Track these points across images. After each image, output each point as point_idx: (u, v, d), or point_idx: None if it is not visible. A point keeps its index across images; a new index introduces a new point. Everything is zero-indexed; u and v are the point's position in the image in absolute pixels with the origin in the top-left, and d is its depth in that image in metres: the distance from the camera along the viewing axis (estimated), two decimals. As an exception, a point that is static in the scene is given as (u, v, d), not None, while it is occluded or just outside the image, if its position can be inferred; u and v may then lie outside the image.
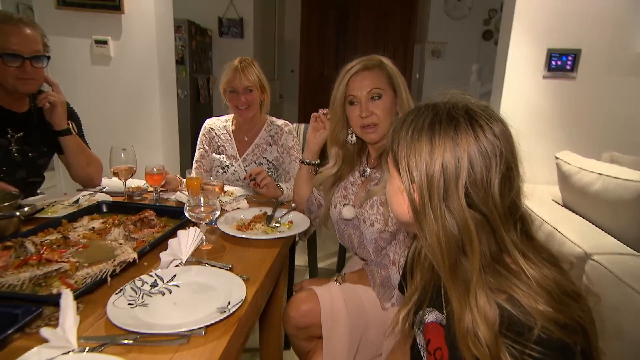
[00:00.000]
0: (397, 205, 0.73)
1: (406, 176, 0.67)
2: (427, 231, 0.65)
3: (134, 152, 1.52)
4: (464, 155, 0.62)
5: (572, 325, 0.58)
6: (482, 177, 0.63)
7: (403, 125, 0.69)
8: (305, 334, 1.17)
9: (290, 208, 1.46)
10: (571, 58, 2.42)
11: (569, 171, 2.04)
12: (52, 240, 1.09)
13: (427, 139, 0.65)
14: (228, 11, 4.73)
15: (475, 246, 0.63)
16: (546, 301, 0.58)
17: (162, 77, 2.69)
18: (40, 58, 1.43)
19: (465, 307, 0.63)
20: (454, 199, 0.63)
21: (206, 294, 0.92)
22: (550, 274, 0.62)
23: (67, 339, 0.69)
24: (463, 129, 0.64)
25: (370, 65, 1.26)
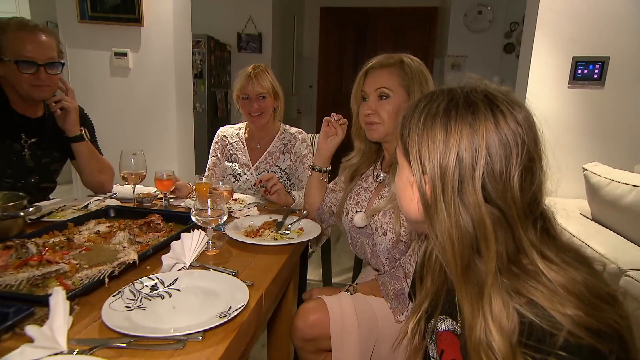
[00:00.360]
0: (407, 201, 0.68)
1: (417, 167, 0.61)
2: (439, 228, 0.60)
3: (144, 157, 1.52)
4: (482, 144, 0.57)
5: (607, 331, 0.51)
6: (501, 168, 0.57)
7: (415, 111, 0.64)
8: (313, 346, 1.10)
9: (301, 215, 1.42)
10: (599, 66, 2.34)
11: (598, 183, 1.94)
12: (55, 242, 1.08)
13: (442, 126, 0.59)
14: (247, 27, 4.82)
15: (491, 245, 0.57)
16: (575, 305, 0.52)
17: (179, 88, 2.72)
18: (55, 65, 1.45)
19: (478, 314, 0.57)
20: (470, 192, 0.57)
21: (207, 299, 0.87)
22: (578, 275, 0.56)
23: (55, 340, 0.66)
24: (482, 114, 0.59)
25: (387, 63, 1.23)
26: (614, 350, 0.51)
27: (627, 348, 0.53)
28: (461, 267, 0.59)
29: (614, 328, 0.51)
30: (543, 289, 0.55)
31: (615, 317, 0.52)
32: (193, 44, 3.20)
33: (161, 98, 2.67)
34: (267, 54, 4.87)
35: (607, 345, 0.50)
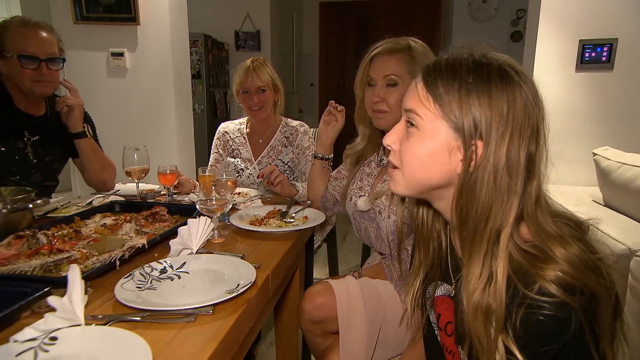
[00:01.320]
0: (433, 166, 0.67)
1: (472, 129, 0.63)
2: (481, 190, 0.63)
3: (146, 152, 1.59)
4: (527, 108, 0.63)
5: (582, 289, 0.57)
6: (536, 133, 0.64)
7: (456, 72, 0.65)
8: (321, 329, 1.16)
9: (305, 205, 1.48)
10: (607, 49, 2.38)
11: (608, 167, 1.98)
12: (64, 234, 1.15)
13: (500, 88, 0.62)
14: (245, 24, 4.91)
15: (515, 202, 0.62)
16: (562, 268, 0.58)
17: (178, 87, 2.80)
18: (56, 60, 1.54)
19: (486, 275, 0.63)
20: (516, 154, 0.62)
21: (216, 279, 0.94)
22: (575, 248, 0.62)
23: (74, 312, 0.72)
24: (523, 79, 0.64)
25: (394, 48, 1.26)
26: (583, 305, 0.56)
27: (598, 307, 0.58)
28: (491, 229, 0.63)
29: (589, 288, 0.57)
30: (535, 251, 0.61)
31: (595, 282, 0.58)
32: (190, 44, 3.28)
33: (160, 98, 2.75)
34: (266, 52, 4.95)
35: (577, 299, 0.56)
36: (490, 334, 0.61)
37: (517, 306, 0.58)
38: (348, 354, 1.09)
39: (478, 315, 0.62)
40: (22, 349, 0.65)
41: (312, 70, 6.25)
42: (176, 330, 0.74)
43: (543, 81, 2.40)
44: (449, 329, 0.75)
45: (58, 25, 2.64)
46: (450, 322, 0.75)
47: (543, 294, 0.56)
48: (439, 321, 0.78)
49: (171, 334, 0.73)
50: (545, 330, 0.56)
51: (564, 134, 2.46)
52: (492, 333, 0.61)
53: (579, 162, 2.41)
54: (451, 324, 0.74)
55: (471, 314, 0.63)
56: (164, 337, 0.71)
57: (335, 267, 2.05)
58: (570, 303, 0.55)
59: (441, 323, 0.78)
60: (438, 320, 0.79)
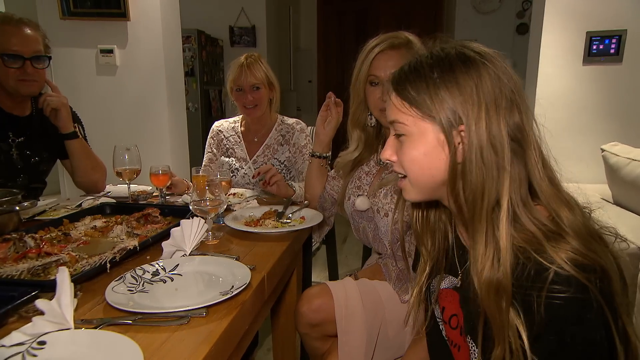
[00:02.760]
0: (434, 163, 0.71)
1: (449, 119, 0.67)
2: (472, 174, 0.66)
3: (138, 152, 1.60)
4: (498, 84, 0.67)
5: (594, 266, 0.60)
6: (515, 105, 0.68)
7: (421, 70, 0.70)
8: (319, 332, 1.17)
9: (302, 205, 1.49)
10: (615, 40, 2.40)
11: (617, 163, 2.00)
12: (52, 237, 1.16)
13: (464, 72, 0.67)
14: (240, 19, 4.92)
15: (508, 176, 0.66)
16: (572, 242, 0.61)
17: (171, 85, 2.81)
18: (42, 58, 1.55)
19: (491, 251, 0.66)
20: (497, 128, 0.66)
21: (209, 281, 0.95)
22: (579, 214, 0.66)
23: (63, 316, 0.73)
24: (489, 60, 0.68)
25: (396, 43, 1.27)
26: (598, 283, 0.60)
27: (611, 282, 0.62)
28: (488, 205, 0.67)
29: (601, 266, 0.61)
30: (545, 228, 0.64)
31: (605, 256, 0.62)
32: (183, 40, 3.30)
33: (152, 97, 2.76)
34: (262, 48, 4.96)
35: (593, 278, 0.59)
36: (502, 308, 0.64)
37: (537, 290, 0.60)
38: (347, 357, 1.10)
39: (490, 292, 0.65)
40: (9, 353, 0.66)
41: (310, 66, 6.26)
42: (168, 333, 0.75)
43: (550, 75, 2.46)
44: (454, 322, 0.77)
45: (44, 21, 2.65)
46: (455, 315, 0.77)
47: (560, 277, 0.59)
48: (443, 314, 0.80)
49: (163, 337, 0.74)
50: (568, 313, 0.60)
51: (571, 129, 2.47)
52: (504, 307, 0.64)
53: (586, 158, 2.42)
54: (456, 316, 0.76)
55: (484, 291, 0.66)
56: (155, 340, 0.72)
57: (335, 271, 2.06)
58: (587, 283, 0.59)
59: (445, 316, 0.80)
60: (442, 313, 0.80)
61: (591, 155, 2.36)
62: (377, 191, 1.29)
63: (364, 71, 1.30)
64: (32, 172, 1.66)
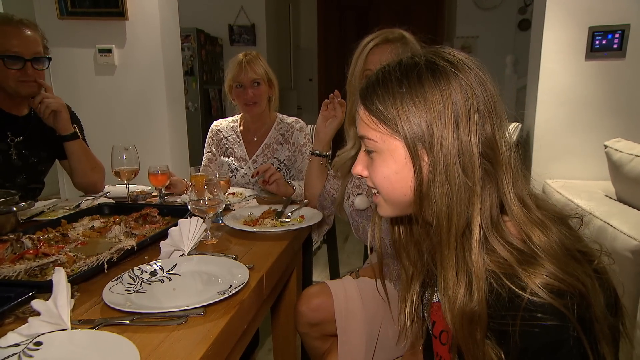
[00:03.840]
0: (404, 181, 0.68)
1: (414, 136, 0.64)
2: (437, 194, 0.64)
3: (136, 152, 1.60)
4: (471, 97, 0.63)
5: (570, 291, 0.57)
6: (489, 119, 0.64)
7: (388, 85, 0.66)
8: (318, 331, 1.17)
9: (301, 204, 1.49)
10: (618, 35, 2.38)
11: (620, 160, 1.99)
12: (50, 237, 1.16)
13: (432, 85, 0.63)
14: (239, 18, 4.93)
15: (478, 198, 0.62)
16: (547, 266, 0.58)
17: (170, 85, 2.82)
18: (41, 60, 1.55)
19: (463, 279, 0.63)
20: (467, 146, 0.62)
21: (208, 281, 0.95)
22: (556, 233, 0.63)
23: (59, 316, 0.73)
24: (462, 70, 0.64)
25: (391, 37, 1.28)
26: (576, 310, 0.57)
27: (590, 307, 0.58)
28: (456, 230, 0.64)
29: (579, 291, 0.58)
30: (517, 252, 0.62)
31: (582, 277, 0.59)
32: (182, 39, 3.31)
33: (151, 97, 2.77)
34: (262, 47, 4.97)
35: (569, 304, 0.56)
36: (476, 340, 0.61)
37: (512, 318, 0.58)
38: (347, 357, 1.10)
39: (464, 324, 0.62)
40: (5, 354, 0.67)
41: (310, 65, 6.27)
42: (166, 333, 0.75)
43: (552, 71, 2.45)
44: (444, 338, 0.75)
45: (42, 20, 2.66)
46: (445, 331, 0.75)
47: (535, 304, 0.57)
48: (433, 329, 0.79)
49: (161, 336, 0.74)
50: (545, 342, 0.57)
51: (573, 126, 2.47)
52: (478, 338, 0.61)
53: (589, 155, 2.42)
54: (445, 332, 0.75)
55: (458, 323, 0.63)
56: (153, 340, 0.72)
57: (336, 270, 2.06)
58: (563, 310, 0.56)
59: (435, 331, 0.78)
60: (433, 328, 0.79)
61: (594, 152, 2.35)
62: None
63: (359, 66, 1.30)
64: (30, 172, 1.67)
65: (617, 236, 1.62)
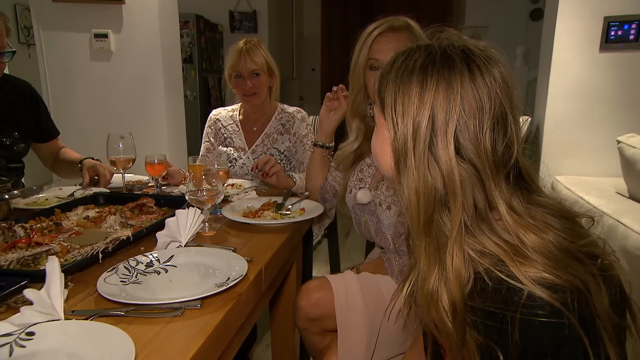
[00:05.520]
0: (383, 158, 0.75)
1: (392, 123, 0.69)
2: (406, 182, 0.67)
3: (132, 140, 1.60)
4: (457, 98, 0.64)
5: (568, 288, 0.57)
6: (474, 122, 0.65)
7: (392, 68, 0.71)
8: (318, 326, 1.18)
9: (302, 197, 1.49)
10: (635, 26, 2.36)
11: (633, 156, 1.98)
12: (43, 226, 1.16)
13: (418, 81, 0.66)
14: (240, 4, 4.91)
15: (458, 199, 0.64)
16: (539, 264, 0.59)
17: (168, 72, 2.81)
18: (5, 54, 1.54)
19: (434, 267, 0.66)
20: (442, 146, 0.65)
21: (205, 273, 0.95)
22: (549, 233, 0.63)
23: (52, 306, 0.73)
24: (458, 69, 0.65)
25: (397, 26, 1.27)
26: (575, 306, 0.57)
27: (589, 303, 0.58)
28: (424, 220, 0.67)
29: (576, 286, 0.58)
30: (508, 248, 0.62)
31: (582, 274, 0.59)
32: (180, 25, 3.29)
33: (148, 84, 2.76)
34: (264, 34, 4.95)
35: (565, 299, 0.57)
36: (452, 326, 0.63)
37: (511, 312, 0.58)
38: (347, 353, 1.10)
39: (431, 307, 0.65)
40: (-3, 344, 0.67)
41: (313, 54, 6.24)
42: (162, 325, 0.75)
43: (564, 62, 2.43)
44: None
45: (36, 3, 2.65)
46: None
47: (532, 299, 0.57)
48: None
49: (156, 328, 0.74)
50: (546, 339, 0.58)
51: (585, 120, 2.45)
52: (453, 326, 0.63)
53: (601, 150, 2.40)
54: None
55: (425, 305, 0.66)
56: (148, 332, 0.73)
57: (336, 265, 2.06)
58: (556, 304, 0.56)
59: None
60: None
61: (606, 147, 2.33)
62: (380, 183, 1.28)
63: (363, 55, 1.30)
64: (7, 153, 1.70)
65: (628, 235, 1.61)
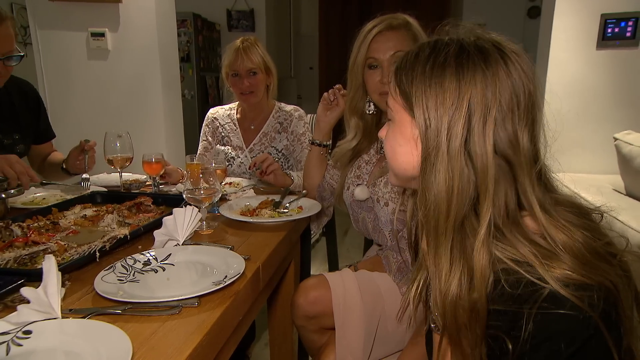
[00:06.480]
0: (405, 156, 0.72)
1: (423, 118, 0.66)
2: (436, 181, 0.65)
3: (130, 139, 1.60)
4: (495, 91, 0.63)
5: (596, 288, 0.57)
6: (512, 116, 0.64)
7: (417, 60, 0.68)
8: (316, 324, 1.18)
9: (300, 195, 1.50)
10: (632, 23, 2.37)
11: (630, 153, 1.99)
12: (40, 225, 1.16)
13: (453, 73, 0.64)
14: (237, 2, 4.90)
15: (489, 196, 0.63)
16: (569, 265, 0.58)
17: (165, 71, 2.80)
18: (14, 58, 1.53)
19: (458, 267, 0.64)
20: (479, 142, 0.63)
21: (202, 271, 0.96)
22: (579, 233, 0.62)
23: (49, 305, 0.74)
24: (494, 61, 0.64)
25: (395, 24, 1.27)
26: (602, 305, 0.57)
27: (617, 303, 0.58)
28: (454, 219, 0.64)
29: (605, 286, 0.58)
30: (537, 249, 0.61)
31: (611, 276, 0.58)
32: (178, 24, 3.29)
33: (145, 83, 2.75)
34: (261, 33, 4.94)
35: (593, 298, 0.56)
36: (475, 333, 0.62)
37: (529, 307, 0.58)
38: (345, 351, 1.11)
39: (458, 316, 0.63)
40: (-6, 342, 0.67)
41: (311, 52, 6.23)
42: (159, 323, 0.75)
43: (561, 60, 2.44)
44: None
45: (32, 2, 2.64)
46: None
47: (554, 296, 0.57)
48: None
49: (154, 326, 0.74)
50: (559, 331, 0.57)
51: (582, 117, 2.46)
52: (478, 333, 0.62)
53: (599, 148, 2.41)
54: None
55: (449, 314, 0.64)
56: (145, 330, 0.73)
57: (335, 264, 2.06)
58: (580, 304, 0.56)
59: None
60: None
61: (603, 144, 2.35)
62: (377, 180, 1.29)
63: (362, 54, 1.29)
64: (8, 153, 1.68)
65: (625, 231, 1.62)
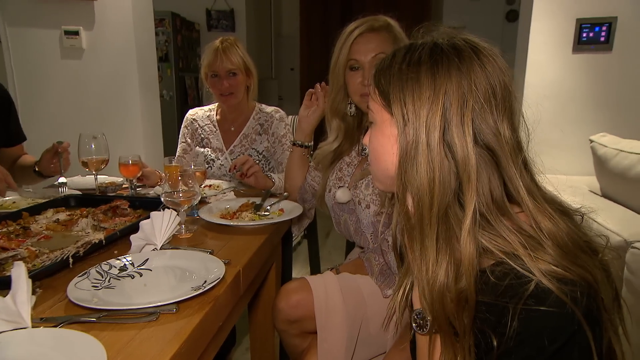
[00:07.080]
0: (386, 156, 0.72)
1: (402, 116, 0.67)
2: (417, 176, 0.65)
3: (105, 141, 1.56)
4: (470, 83, 0.65)
5: (577, 281, 0.58)
6: (490, 107, 0.65)
7: (393, 61, 0.70)
8: (297, 328, 1.17)
9: (281, 197, 1.48)
10: (605, 28, 2.43)
11: (605, 155, 2.04)
12: (9, 230, 1.12)
13: (429, 69, 0.66)
14: (217, 2, 4.85)
15: (472, 186, 0.63)
16: (554, 256, 0.60)
17: (143, 71, 2.75)
18: None
19: (445, 258, 0.65)
20: (458, 134, 0.64)
21: (181, 276, 0.94)
22: (563, 224, 0.64)
23: (19, 314, 0.71)
24: (468, 56, 0.66)
25: (376, 26, 1.28)
26: (584, 300, 0.58)
27: (597, 297, 0.60)
28: (438, 210, 0.65)
29: (586, 280, 0.59)
30: (524, 238, 0.62)
31: (592, 268, 0.60)
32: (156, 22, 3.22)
33: (122, 83, 2.70)
34: (242, 33, 4.91)
35: (575, 292, 0.57)
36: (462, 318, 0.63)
37: (513, 303, 0.58)
38: (327, 355, 1.10)
39: (446, 305, 0.64)
40: (-40, 354, 0.64)
41: (292, 53, 6.20)
42: (136, 331, 0.73)
43: (539, 63, 2.48)
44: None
45: (4, -1, 2.57)
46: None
47: (539, 292, 0.58)
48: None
49: (130, 334, 0.72)
50: (543, 327, 0.58)
51: (559, 119, 2.51)
52: (466, 322, 0.63)
53: (575, 149, 2.46)
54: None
55: (437, 304, 0.65)
56: (122, 338, 0.71)
57: (316, 267, 2.06)
58: (564, 298, 0.57)
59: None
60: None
61: (579, 146, 2.39)
62: (359, 182, 1.29)
63: (343, 55, 1.30)
64: None
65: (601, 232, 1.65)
